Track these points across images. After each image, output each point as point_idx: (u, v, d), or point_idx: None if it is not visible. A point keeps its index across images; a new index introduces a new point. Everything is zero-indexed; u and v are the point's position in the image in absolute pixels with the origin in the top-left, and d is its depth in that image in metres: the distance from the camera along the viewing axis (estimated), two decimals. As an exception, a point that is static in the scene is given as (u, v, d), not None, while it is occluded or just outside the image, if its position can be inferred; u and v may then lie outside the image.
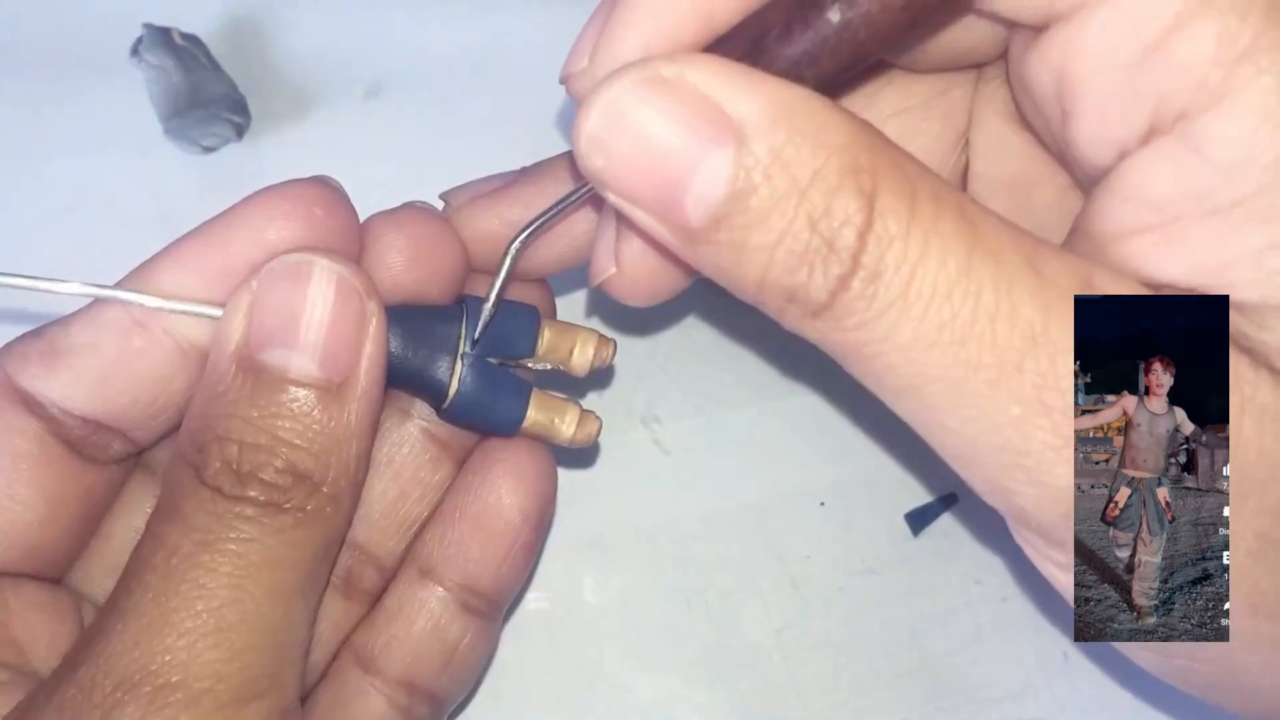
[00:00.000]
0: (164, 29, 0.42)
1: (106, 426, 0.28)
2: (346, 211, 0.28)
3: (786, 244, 0.23)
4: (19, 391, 0.27)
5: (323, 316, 0.26)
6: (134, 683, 0.23)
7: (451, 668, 0.32)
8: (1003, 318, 0.23)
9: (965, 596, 0.39)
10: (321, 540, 0.26)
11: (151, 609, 0.24)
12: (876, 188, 0.23)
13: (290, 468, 0.25)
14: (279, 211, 0.27)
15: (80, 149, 0.42)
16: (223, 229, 0.27)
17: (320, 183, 0.28)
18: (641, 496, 0.40)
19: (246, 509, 0.25)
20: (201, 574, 0.24)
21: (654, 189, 0.23)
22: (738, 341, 0.42)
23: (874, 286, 0.23)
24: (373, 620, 0.32)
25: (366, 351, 0.26)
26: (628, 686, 0.38)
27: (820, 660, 0.38)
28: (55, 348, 0.27)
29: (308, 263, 0.26)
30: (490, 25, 0.45)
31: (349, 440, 0.26)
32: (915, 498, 0.40)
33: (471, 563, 0.32)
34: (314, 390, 0.25)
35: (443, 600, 0.32)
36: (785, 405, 0.41)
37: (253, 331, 0.25)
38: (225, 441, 0.25)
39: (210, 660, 0.24)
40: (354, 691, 0.31)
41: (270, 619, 0.25)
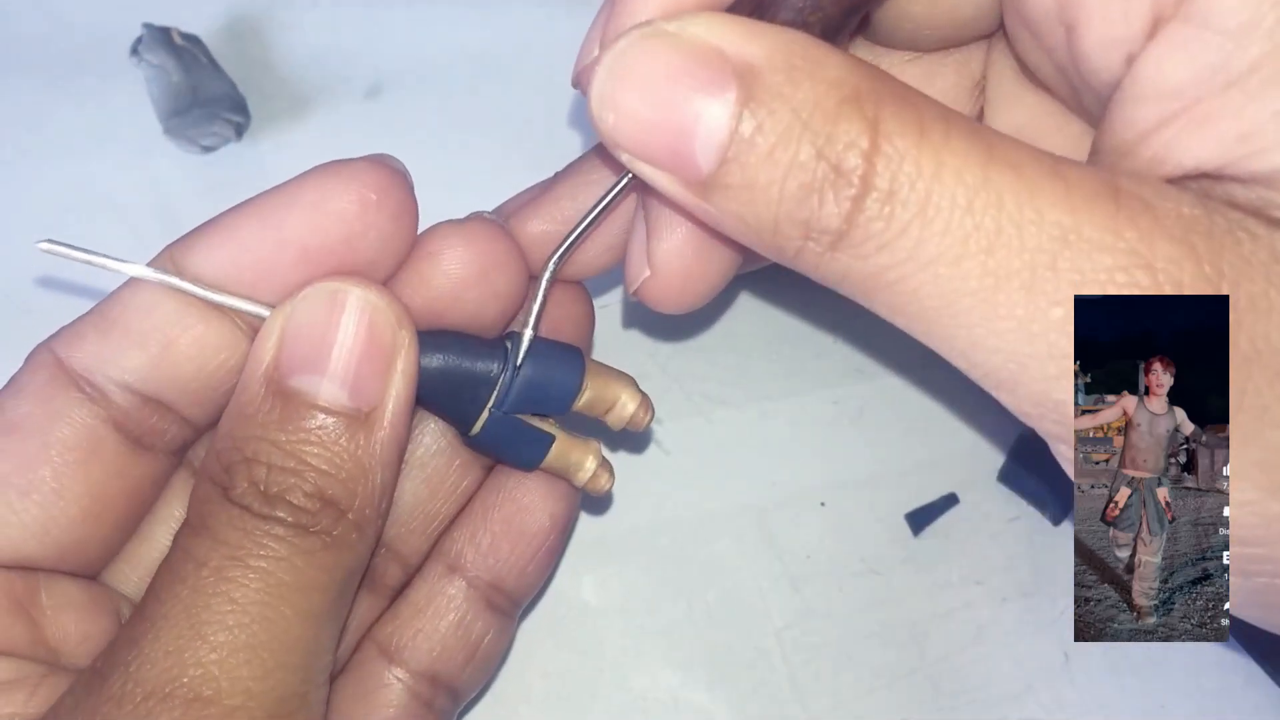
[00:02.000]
0: (164, 29, 0.42)
1: (164, 405, 0.27)
2: (402, 196, 0.27)
3: (794, 175, 0.23)
4: (72, 375, 0.27)
5: (354, 345, 0.26)
6: (165, 694, 0.23)
7: (473, 663, 0.33)
8: (1029, 222, 0.22)
9: (965, 596, 0.39)
10: (347, 566, 0.26)
11: (182, 620, 0.24)
12: (879, 112, 0.23)
13: (318, 493, 0.25)
14: (334, 192, 0.26)
15: (80, 149, 0.42)
16: (277, 206, 0.27)
17: (379, 164, 0.27)
18: (641, 496, 0.40)
19: (276, 528, 0.25)
20: (232, 588, 0.24)
21: (663, 140, 0.24)
22: (738, 341, 0.42)
23: (890, 206, 0.22)
24: (398, 613, 0.32)
25: (395, 382, 0.26)
26: (628, 686, 0.38)
27: (820, 660, 0.38)
28: (110, 319, 0.27)
29: (343, 291, 0.26)
30: (490, 25, 0.45)
31: (375, 469, 0.26)
32: (915, 498, 0.40)
33: (500, 562, 0.32)
34: (342, 418, 0.25)
35: (469, 597, 0.32)
36: (785, 405, 0.41)
37: (283, 356, 0.26)
38: (253, 463, 0.25)
39: (243, 677, 0.24)
40: (377, 682, 0.32)
41: (301, 640, 0.25)
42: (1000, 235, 0.22)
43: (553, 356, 0.30)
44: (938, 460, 0.41)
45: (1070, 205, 0.22)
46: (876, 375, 0.42)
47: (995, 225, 0.22)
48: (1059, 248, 0.22)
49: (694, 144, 0.23)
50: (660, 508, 0.40)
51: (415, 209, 0.28)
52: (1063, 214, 0.22)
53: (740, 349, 0.42)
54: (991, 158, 0.23)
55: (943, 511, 0.40)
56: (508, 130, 0.43)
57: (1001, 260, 0.22)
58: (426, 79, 0.44)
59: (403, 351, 0.26)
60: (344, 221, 0.26)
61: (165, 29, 0.42)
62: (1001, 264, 0.22)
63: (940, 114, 0.23)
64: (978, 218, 0.22)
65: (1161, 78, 0.24)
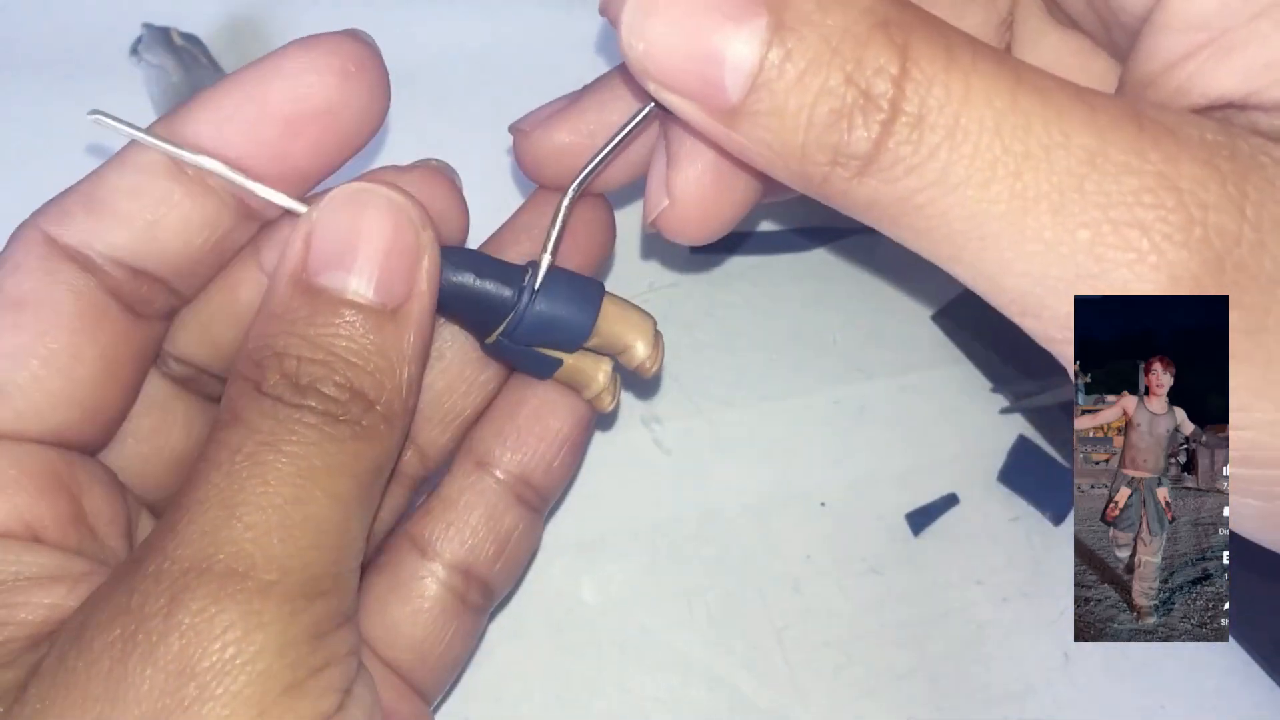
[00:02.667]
0: (163, 29, 0.42)
1: (152, 276, 0.28)
2: (377, 68, 0.28)
3: (823, 102, 0.23)
4: (65, 248, 0.27)
5: (379, 243, 0.26)
6: (202, 569, 0.24)
7: (505, 557, 0.33)
8: (1057, 146, 0.22)
9: (965, 596, 0.39)
10: (376, 457, 0.26)
11: (217, 503, 0.24)
12: (909, 39, 0.23)
13: (347, 383, 0.26)
14: (313, 66, 0.27)
15: (80, 149, 0.42)
16: (257, 81, 0.27)
17: (352, 37, 0.28)
18: (641, 496, 0.40)
19: (307, 416, 0.25)
20: (265, 471, 0.25)
21: (692, 68, 0.24)
22: (738, 341, 0.42)
23: (918, 131, 0.23)
24: (430, 508, 0.33)
25: (420, 280, 0.27)
26: (628, 686, 0.38)
27: (820, 660, 0.38)
28: (96, 197, 0.27)
29: (367, 191, 0.27)
30: (490, 25, 0.45)
31: (402, 363, 0.26)
32: (915, 498, 0.40)
33: (527, 455, 0.33)
34: (369, 313, 0.26)
35: (498, 491, 0.33)
36: (785, 405, 0.41)
37: (311, 255, 0.26)
38: (284, 356, 0.26)
39: (277, 554, 0.24)
40: (410, 575, 0.32)
41: (332, 522, 0.25)
42: (1028, 158, 0.22)
43: (569, 293, 0.30)
44: (938, 460, 0.41)
45: (1096, 129, 0.22)
46: (876, 375, 0.42)
47: (1023, 148, 0.22)
48: (1086, 170, 0.22)
49: (723, 72, 0.24)
50: (660, 508, 0.40)
51: (388, 84, 0.29)
52: (1089, 137, 0.22)
53: (740, 349, 0.42)
54: (1019, 83, 0.23)
55: (943, 511, 0.40)
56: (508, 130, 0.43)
57: (1029, 183, 0.22)
58: (427, 79, 0.44)
59: (427, 251, 0.27)
60: (325, 92, 0.27)
61: (165, 29, 0.42)
62: (1029, 186, 0.22)
63: (967, 42, 0.23)
64: (1006, 141, 0.22)
65: (1189, 9, 0.24)
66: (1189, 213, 0.22)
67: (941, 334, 0.43)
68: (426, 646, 0.32)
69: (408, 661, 0.32)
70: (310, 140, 0.27)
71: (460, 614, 0.33)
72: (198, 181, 0.27)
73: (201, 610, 0.23)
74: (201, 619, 0.23)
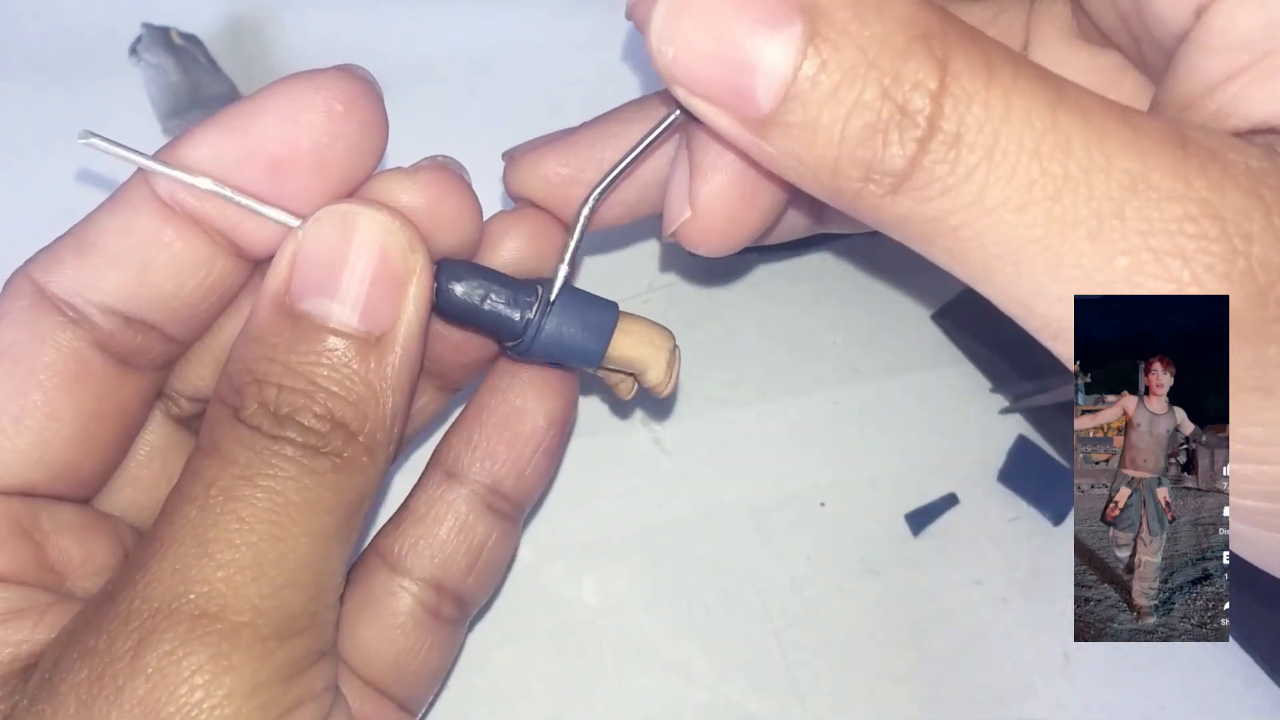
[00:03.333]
0: (163, 29, 0.42)
1: (147, 324, 0.27)
2: (370, 106, 0.27)
3: (858, 115, 0.22)
4: (53, 300, 0.27)
5: (365, 268, 0.26)
6: (171, 610, 0.23)
7: (478, 569, 0.33)
8: (1097, 169, 0.22)
9: (965, 597, 0.39)
10: (357, 489, 0.26)
11: (189, 540, 0.24)
12: (949, 52, 0.22)
13: (328, 414, 0.25)
14: (301, 103, 0.26)
15: (80, 149, 0.42)
16: (244, 117, 0.26)
17: (346, 74, 0.27)
18: (641, 496, 0.40)
19: (285, 448, 0.25)
20: (240, 506, 0.24)
21: (723, 76, 0.23)
22: (738, 341, 0.42)
23: (955, 150, 0.22)
24: (399, 522, 0.33)
25: (407, 306, 0.26)
26: (628, 687, 0.38)
27: (820, 660, 0.38)
28: (86, 241, 0.27)
29: (354, 213, 0.26)
30: (490, 25, 0.45)
31: (386, 393, 0.26)
32: (915, 498, 0.40)
33: (497, 464, 0.32)
34: (353, 341, 0.25)
35: (468, 501, 0.32)
36: (785, 405, 0.41)
37: (295, 279, 0.25)
38: (264, 384, 0.25)
39: (249, 594, 0.24)
40: (382, 591, 0.32)
41: (309, 559, 0.25)
42: (1067, 181, 0.22)
43: (582, 313, 0.29)
44: (938, 460, 0.41)
45: (1139, 151, 0.22)
46: (876, 375, 0.42)
47: (1063, 171, 0.22)
48: (1127, 195, 0.22)
49: (755, 81, 0.23)
50: (660, 508, 0.40)
51: (384, 120, 0.28)
52: (1131, 160, 0.22)
53: (740, 349, 0.42)
54: (1060, 101, 0.22)
55: (943, 511, 0.40)
56: (508, 130, 0.43)
57: (1068, 207, 0.22)
58: (426, 79, 0.44)
59: (415, 276, 0.26)
60: (312, 132, 0.26)
61: (164, 29, 0.42)
62: (1068, 211, 0.22)
63: (1008, 56, 0.23)
64: (1045, 163, 0.22)
65: (1232, 29, 0.24)
66: (1232, 244, 0.22)
67: (941, 334, 0.43)
68: (403, 662, 0.32)
69: (385, 677, 0.32)
70: (299, 181, 0.26)
71: (435, 628, 0.32)
72: (188, 222, 0.27)
73: (170, 653, 0.23)
74: (169, 661, 0.23)
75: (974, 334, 0.42)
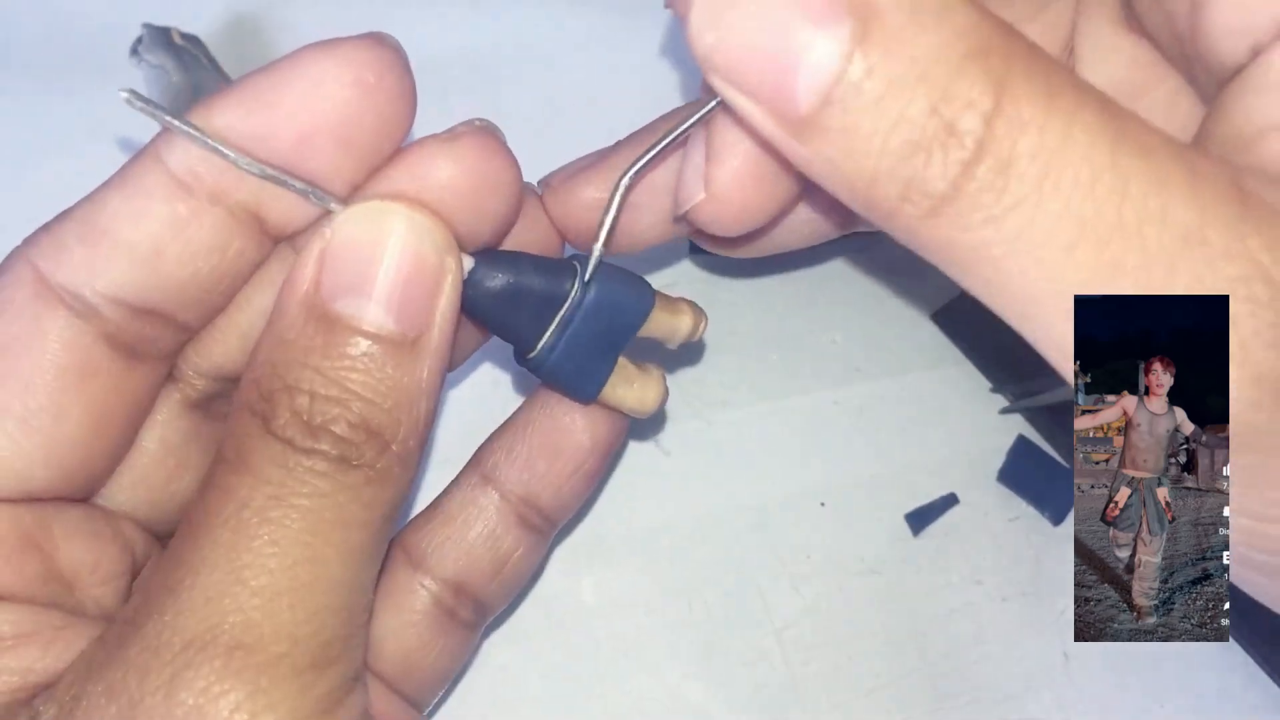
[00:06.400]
0: (163, 29, 0.42)
1: (158, 313, 0.26)
2: (400, 77, 0.25)
3: (902, 130, 0.21)
4: (57, 290, 0.25)
5: (400, 267, 0.24)
6: (205, 642, 0.22)
7: (500, 578, 0.32)
8: (1153, 219, 0.20)
9: (965, 596, 0.39)
10: (390, 501, 0.25)
11: (222, 564, 0.23)
12: (1008, 71, 0.21)
13: (363, 423, 0.24)
14: (329, 75, 0.25)
15: (80, 149, 0.42)
16: (269, 87, 0.25)
17: (375, 42, 0.25)
18: (641, 496, 0.40)
19: (319, 463, 0.23)
20: (274, 529, 0.23)
21: (764, 69, 0.22)
22: (738, 341, 0.42)
23: (1004, 177, 0.21)
24: (429, 520, 0.32)
25: (441, 307, 0.25)
26: (628, 686, 0.38)
27: (820, 660, 0.38)
28: (95, 226, 0.25)
29: (388, 211, 0.25)
30: (490, 25, 0.45)
31: (419, 398, 0.25)
32: (915, 498, 0.40)
33: (535, 478, 0.32)
34: (387, 344, 0.24)
35: (500, 510, 0.32)
36: (785, 405, 0.41)
37: (325, 279, 0.24)
38: (295, 391, 0.24)
39: (286, 623, 0.23)
40: (401, 587, 0.31)
41: (343, 580, 0.24)
42: (1121, 228, 0.20)
43: (621, 280, 0.29)
44: (938, 460, 0.41)
45: (1198, 203, 0.21)
46: (876, 375, 0.42)
47: (1117, 216, 0.20)
48: (1180, 248, 0.20)
49: (796, 78, 0.21)
50: (660, 508, 0.40)
51: (413, 90, 0.26)
52: (1190, 212, 0.21)
53: (740, 349, 0.42)
54: (1122, 138, 0.21)
55: (943, 511, 0.40)
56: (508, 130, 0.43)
57: (1118, 254, 0.21)
58: (425, 79, 0.44)
59: (450, 275, 0.25)
60: (341, 105, 0.25)
61: (165, 29, 0.42)
62: (1118, 258, 0.21)
63: (1071, 82, 0.21)
64: (1099, 204, 0.20)
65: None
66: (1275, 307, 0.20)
67: (941, 334, 0.43)
68: (414, 659, 0.31)
69: (394, 672, 0.31)
70: (327, 156, 0.25)
71: (450, 629, 0.32)
72: (205, 199, 0.25)
73: (205, 690, 0.22)
74: (205, 699, 0.22)
75: (974, 334, 0.42)
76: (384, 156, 0.26)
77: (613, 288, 0.29)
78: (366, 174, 0.26)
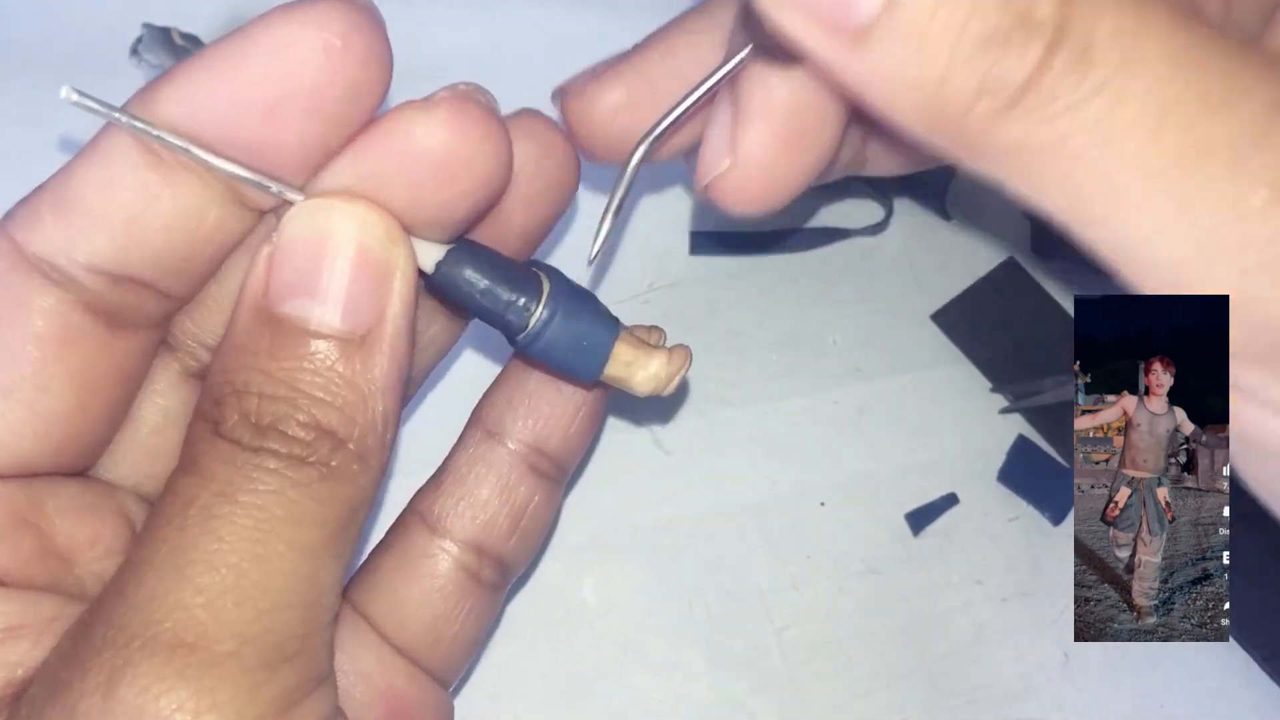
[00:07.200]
0: (164, 29, 0.42)
1: (139, 281, 0.25)
2: (371, 38, 0.24)
3: (974, 24, 0.20)
4: (34, 260, 0.24)
5: (345, 265, 0.24)
6: (146, 639, 0.22)
7: (520, 531, 0.32)
8: (1239, 92, 0.20)
9: (965, 596, 0.39)
10: (348, 499, 0.24)
11: (166, 563, 0.22)
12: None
13: (313, 422, 0.23)
14: (294, 38, 0.23)
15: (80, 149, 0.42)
16: (232, 57, 0.24)
17: (341, 2, 0.24)
18: (641, 496, 0.40)
19: (267, 460, 0.23)
20: (220, 525, 0.23)
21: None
22: (738, 341, 0.42)
23: (1084, 63, 0.20)
24: (440, 482, 0.32)
25: (392, 303, 0.25)
26: (628, 686, 0.38)
27: (820, 660, 0.38)
28: (67, 196, 0.24)
29: (328, 207, 0.24)
30: (490, 25, 0.45)
31: (374, 396, 0.24)
32: (915, 498, 0.40)
33: (540, 423, 0.31)
34: (336, 342, 0.24)
35: (510, 462, 0.31)
36: (785, 405, 0.41)
37: (272, 282, 0.24)
38: (243, 394, 0.23)
39: (233, 621, 0.22)
40: (420, 553, 0.31)
41: (298, 577, 0.23)
42: (1207, 105, 0.20)
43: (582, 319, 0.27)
44: (938, 460, 0.41)
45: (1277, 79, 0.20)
46: (876, 375, 0.42)
47: (1202, 92, 0.20)
48: (1271, 118, 0.20)
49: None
50: (660, 508, 0.40)
51: (388, 52, 0.25)
52: (1272, 89, 0.20)
53: (740, 349, 0.42)
54: (1195, 19, 0.20)
55: (943, 511, 0.40)
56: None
57: (1204, 135, 0.20)
58: (426, 79, 0.44)
59: (398, 270, 0.25)
60: (308, 71, 0.23)
61: (165, 29, 0.42)
62: (1203, 138, 0.20)
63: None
64: (1183, 84, 0.20)
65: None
66: None
67: (941, 334, 0.43)
68: (440, 628, 0.31)
69: (420, 644, 0.30)
70: (295, 126, 0.24)
71: (475, 593, 0.31)
72: (178, 168, 0.24)
73: (146, 689, 0.21)
74: (146, 698, 0.21)
75: (974, 334, 0.42)
76: (357, 125, 0.25)
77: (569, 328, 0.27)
78: (339, 142, 0.25)
